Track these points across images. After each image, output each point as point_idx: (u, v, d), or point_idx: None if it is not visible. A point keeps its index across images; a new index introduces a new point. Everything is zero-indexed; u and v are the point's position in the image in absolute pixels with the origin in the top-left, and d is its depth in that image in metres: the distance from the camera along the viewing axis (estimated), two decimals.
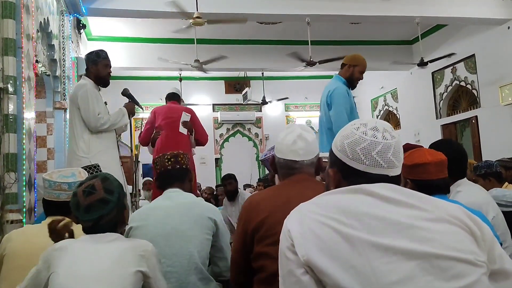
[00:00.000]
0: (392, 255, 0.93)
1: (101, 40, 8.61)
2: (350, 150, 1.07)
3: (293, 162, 1.75)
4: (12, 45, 3.36)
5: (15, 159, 3.29)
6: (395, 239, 0.95)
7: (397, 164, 1.07)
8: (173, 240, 2.04)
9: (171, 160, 2.26)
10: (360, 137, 1.07)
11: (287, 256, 1.02)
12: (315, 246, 0.97)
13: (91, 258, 1.50)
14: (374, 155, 1.05)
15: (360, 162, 1.06)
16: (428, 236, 0.96)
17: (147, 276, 1.55)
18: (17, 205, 3.26)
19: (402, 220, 0.97)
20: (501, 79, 7.79)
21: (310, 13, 7.06)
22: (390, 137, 1.07)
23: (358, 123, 1.11)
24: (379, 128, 1.08)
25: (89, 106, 3.39)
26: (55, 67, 5.14)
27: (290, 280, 1.00)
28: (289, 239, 1.02)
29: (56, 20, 5.22)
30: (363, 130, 1.08)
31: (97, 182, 1.62)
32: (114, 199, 1.61)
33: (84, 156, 3.37)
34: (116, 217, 1.63)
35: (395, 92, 11.23)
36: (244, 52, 9.49)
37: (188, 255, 2.02)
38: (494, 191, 2.98)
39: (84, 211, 1.58)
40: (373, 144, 1.05)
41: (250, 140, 12.25)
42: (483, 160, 3.50)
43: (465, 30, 8.68)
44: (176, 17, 6.51)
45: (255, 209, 1.71)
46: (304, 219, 1.02)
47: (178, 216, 2.10)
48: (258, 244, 1.67)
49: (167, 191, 2.26)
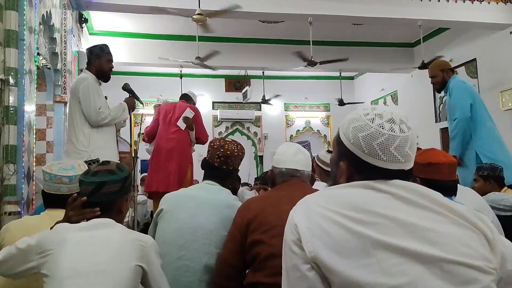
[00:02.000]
0: (402, 257, 0.91)
1: (103, 34, 8.59)
2: (366, 145, 1.01)
3: (295, 171, 1.92)
4: (14, 37, 3.35)
5: (14, 151, 3.29)
6: (406, 241, 0.92)
7: (412, 156, 1.03)
8: (198, 235, 2.01)
9: (221, 158, 2.19)
10: (376, 131, 1.01)
11: (292, 250, 0.99)
12: (323, 243, 0.94)
13: (91, 249, 1.48)
14: (392, 150, 1.00)
15: (378, 157, 1.00)
16: (440, 240, 0.93)
17: (146, 270, 1.54)
18: (15, 197, 3.25)
19: (414, 221, 0.94)
20: (502, 84, 7.80)
21: (313, 13, 7.05)
22: (407, 129, 1.02)
23: (372, 113, 1.04)
24: (396, 120, 1.02)
25: (90, 100, 3.39)
26: (56, 61, 5.13)
27: (295, 274, 0.98)
28: (296, 233, 0.99)
29: (58, 14, 5.21)
30: (379, 122, 1.02)
31: (113, 162, 1.70)
32: (122, 175, 1.66)
33: (84, 150, 3.37)
34: (116, 194, 1.63)
35: (395, 94, 11.24)
36: (245, 50, 9.49)
37: (209, 254, 1.99)
38: (492, 195, 2.99)
39: (92, 174, 1.63)
40: (391, 138, 1.00)
41: (249, 138, 12.24)
42: (488, 162, 3.49)
43: (467, 35, 8.68)
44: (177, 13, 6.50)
45: (246, 208, 1.86)
46: (312, 214, 0.99)
47: (208, 213, 2.06)
48: (251, 234, 1.75)
49: (205, 181, 2.23)
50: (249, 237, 1.75)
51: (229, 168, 2.20)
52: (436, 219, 0.96)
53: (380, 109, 1.05)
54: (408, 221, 0.94)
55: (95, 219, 1.59)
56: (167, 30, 8.75)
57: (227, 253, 1.85)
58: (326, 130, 12.71)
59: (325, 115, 12.74)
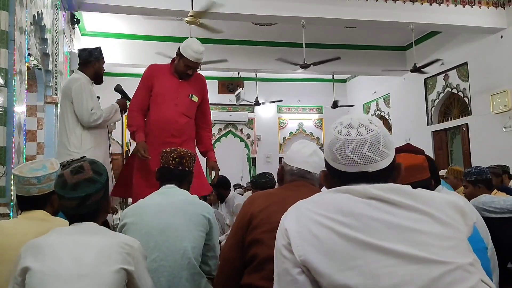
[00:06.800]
0: (390, 259, 0.92)
1: (95, 35, 8.56)
2: (330, 152, 1.07)
3: (306, 173, 1.83)
4: (4, 37, 3.33)
5: (4, 152, 3.26)
6: (394, 243, 0.94)
7: (376, 158, 1.03)
8: (167, 234, 2.03)
9: (175, 160, 2.25)
10: (335, 137, 1.06)
11: (283, 254, 1.01)
12: (312, 247, 0.96)
13: (74, 252, 1.45)
14: (348, 153, 1.03)
15: (338, 162, 1.05)
16: (428, 241, 0.94)
17: (132, 274, 1.51)
18: (4, 199, 3.22)
19: (400, 223, 0.96)
20: (493, 88, 7.87)
21: (305, 16, 7.07)
22: (365, 132, 1.04)
23: (337, 122, 1.09)
24: (354, 124, 1.05)
25: (83, 100, 3.36)
26: (47, 61, 5.09)
27: (286, 278, 1.00)
28: (286, 237, 1.01)
29: (50, 14, 5.17)
30: (339, 129, 1.06)
31: (85, 164, 1.58)
32: (102, 180, 1.57)
33: (75, 151, 3.34)
34: (100, 201, 1.57)
35: (387, 97, 11.29)
36: (238, 53, 9.49)
37: (182, 250, 2.01)
38: (483, 197, 2.99)
39: (71, 188, 1.51)
40: (346, 142, 1.03)
41: (242, 140, 12.24)
42: (473, 166, 3.51)
43: (459, 38, 8.75)
44: (171, 15, 6.50)
45: (251, 203, 1.78)
46: (302, 218, 1.01)
47: (172, 212, 2.09)
48: (252, 232, 1.68)
49: (163, 186, 2.26)
50: (250, 234, 1.69)
51: (184, 169, 2.26)
52: (421, 219, 0.97)
53: (345, 117, 1.10)
54: (395, 222, 0.96)
55: (79, 224, 1.55)
56: (160, 31, 8.73)
57: (228, 249, 1.80)
58: (319, 133, 12.74)
59: (318, 117, 12.77)
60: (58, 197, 1.56)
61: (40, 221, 1.82)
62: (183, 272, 2.00)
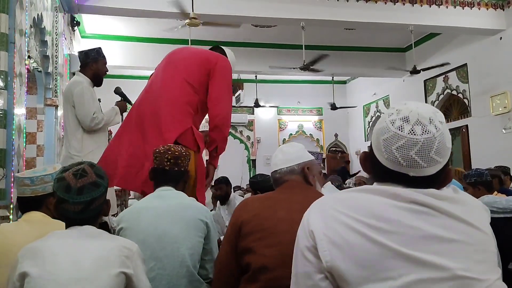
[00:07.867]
0: (424, 272, 0.85)
1: (95, 38, 8.56)
2: (376, 139, 0.96)
3: (274, 173, 1.86)
4: (4, 39, 3.32)
5: (4, 154, 3.25)
6: (429, 254, 0.86)
7: (422, 164, 0.92)
8: (164, 242, 1.99)
9: (170, 161, 2.18)
10: (385, 127, 0.94)
11: (305, 257, 0.93)
12: (342, 253, 0.88)
13: (73, 256, 1.44)
14: (393, 150, 0.92)
15: (381, 153, 0.95)
16: (463, 254, 0.88)
17: (131, 277, 1.50)
18: (4, 201, 3.21)
19: (437, 233, 0.88)
20: (492, 89, 7.88)
21: (305, 18, 7.08)
22: (420, 132, 0.92)
23: (394, 109, 0.97)
24: (411, 119, 0.93)
25: (85, 104, 3.34)
26: (47, 64, 5.09)
27: (306, 283, 0.93)
28: (311, 240, 0.93)
29: (49, 16, 5.17)
30: (393, 118, 0.94)
31: (86, 167, 1.56)
32: (104, 183, 1.56)
33: (76, 155, 3.33)
34: (102, 204, 1.57)
35: (387, 98, 11.30)
36: (238, 54, 9.44)
37: (180, 257, 1.98)
38: (486, 197, 3.01)
39: (77, 193, 1.49)
40: (395, 137, 0.92)
41: (242, 142, 12.24)
42: (473, 168, 3.51)
43: (458, 40, 8.76)
44: (171, 17, 6.50)
45: (242, 209, 1.78)
46: (329, 219, 0.93)
47: (169, 218, 2.05)
48: (245, 239, 1.66)
49: (159, 189, 2.20)
50: (242, 241, 1.67)
51: (180, 169, 2.20)
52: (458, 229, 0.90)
53: (405, 106, 0.98)
54: (431, 232, 0.88)
55: (78, 227, 1.54)
56: (160, 33, 8.73)
57: (223, 254, 1.78)
58: (318, 134, 12.74)
59: (317, 119, 12.77)
60: (61, 201, 1.51)
61: (41, 223, 1.82)
62: (182, 280, 1.97)
